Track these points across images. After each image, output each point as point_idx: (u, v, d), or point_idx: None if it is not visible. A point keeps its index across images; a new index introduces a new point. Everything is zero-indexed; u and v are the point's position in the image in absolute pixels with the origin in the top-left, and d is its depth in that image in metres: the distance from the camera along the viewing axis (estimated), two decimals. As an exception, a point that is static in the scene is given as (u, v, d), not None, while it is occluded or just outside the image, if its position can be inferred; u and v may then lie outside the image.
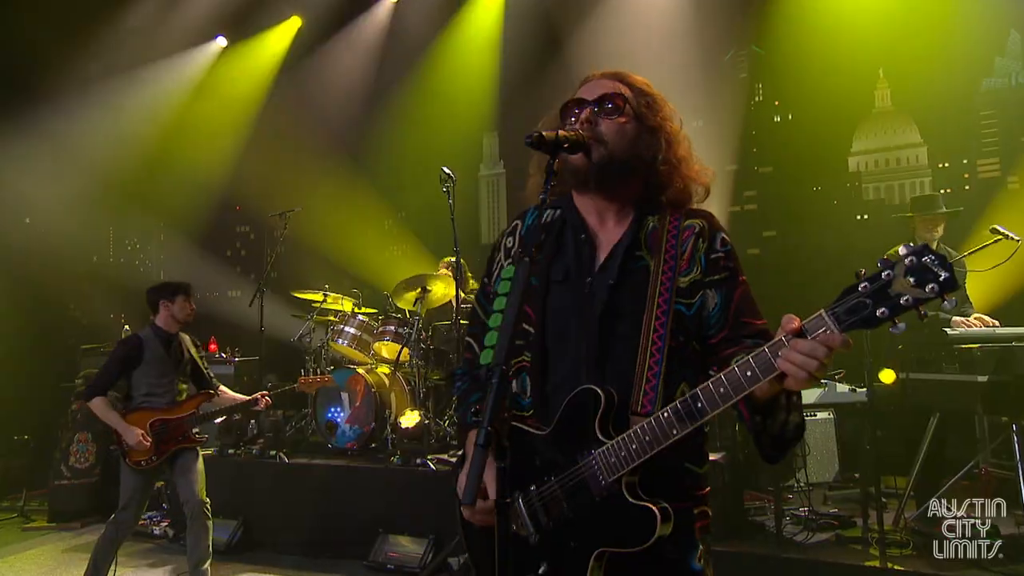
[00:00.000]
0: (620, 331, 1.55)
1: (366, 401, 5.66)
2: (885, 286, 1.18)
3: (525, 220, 1.80)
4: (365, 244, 8.54)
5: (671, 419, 1.40)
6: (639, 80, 1.72)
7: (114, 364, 4.15)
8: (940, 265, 1.14)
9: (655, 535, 1.41)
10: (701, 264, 1.58)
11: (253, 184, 8.68)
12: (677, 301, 1.54)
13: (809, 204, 7.35)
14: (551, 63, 7.27)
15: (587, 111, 1.63)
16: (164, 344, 4.24)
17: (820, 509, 4.55)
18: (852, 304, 1.21)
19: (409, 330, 5.82)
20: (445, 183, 5.09)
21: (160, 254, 11.00)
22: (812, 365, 1.24)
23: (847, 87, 7.11)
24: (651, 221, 1.64)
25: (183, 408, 4.22)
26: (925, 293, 1.14)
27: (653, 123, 1.66)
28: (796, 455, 4.87)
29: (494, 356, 1.30)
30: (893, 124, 7.32)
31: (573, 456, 1.50)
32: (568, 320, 1.60)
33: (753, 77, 7.79)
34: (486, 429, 1.23)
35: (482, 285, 1.86)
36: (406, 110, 8.53)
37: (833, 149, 7.32)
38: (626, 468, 1.43)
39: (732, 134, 7.28)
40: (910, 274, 1.16)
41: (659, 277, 1.55)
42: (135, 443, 4.00)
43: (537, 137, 1.48)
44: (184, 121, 8.89)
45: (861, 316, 1.19)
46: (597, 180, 1.61)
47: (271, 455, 5.40)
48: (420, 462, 4.94)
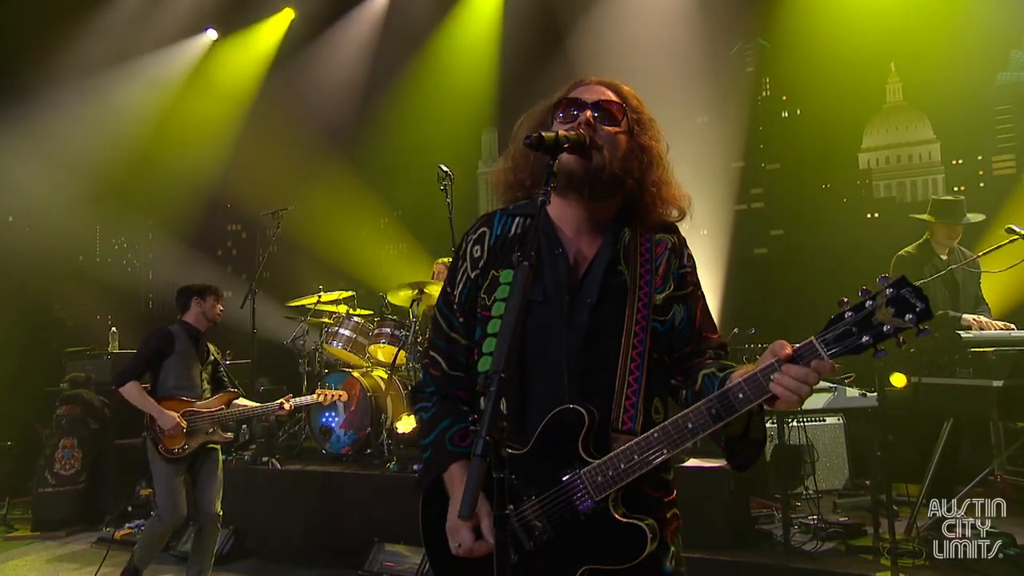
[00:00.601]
0: (602, 350, 1.57)
1: (361, 405, 5.65)
2: (869, 315, 1.31)
3: (493, 227, 1.74)
4: (360, 244, 8.55)
5: (661, 439, 1.47)
6: (631, 93, 1.73)
7: (147, 352, 4.23)
8: (917, 296, 1.28)
9: (645, 552, 1.46)
10: (674, 280, 1.65)
11: (245, 181, 8.69)
12: (655, 318, 1.59)
13: (818, 202, 7.37)
14: (552, 56, 7.28)
15: (588, 113, 1.62)
16: (193, 340, 4.37)
17: (829, 517, 4.55)
18: (839, 332, 1.34)
19: (405, 332, 5.82)
20: (443, 181, 5.09)
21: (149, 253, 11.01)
22: (804, 390, 1.36)
23: (857, 81, 7.12)
24: (626, 234, 1.67)
25: (212, 403, 4.31)
26: (904, 322, 1.28)
27: (643, 141, 1.67)
28: (804, 462, 4.87)
29: (493, 363, 1.30)
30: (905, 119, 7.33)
31: (555, 475, 1.51)
32: (548, 340, 1.60)
33: (760, 71, 7.81)
34: (484, 439, 1.22)
35: (444, 295, 1.77)
36: (403, 105, 8.55)
37: (843, 145, 7.34)
38: (615, 487, 1.47)
39: (738, 130, 7.29)
40: (891, 304, 1.29)
41: (636, 293, 1.60)
42: (171, 427, 4.05)
43: (537, 138, 1.47)
44: (173, 116, 8.89)
45: (848, 344, 1.33)
46: (591, 186, 1.61)
47: (263, 461, 5.40)
48: (417, 468, 4.93)
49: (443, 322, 1.75)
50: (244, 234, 10.33)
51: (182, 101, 8.95)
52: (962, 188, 6.83)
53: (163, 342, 4.26)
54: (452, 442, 1.66)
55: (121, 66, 8.53)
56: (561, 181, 1.61)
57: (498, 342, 1.33)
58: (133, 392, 4.13)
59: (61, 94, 8.22)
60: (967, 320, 4.47)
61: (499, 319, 1.40)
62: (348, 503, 5.02)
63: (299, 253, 8.17)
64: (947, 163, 7.15)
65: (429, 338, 1.83)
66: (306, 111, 8.69)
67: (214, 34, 9.20)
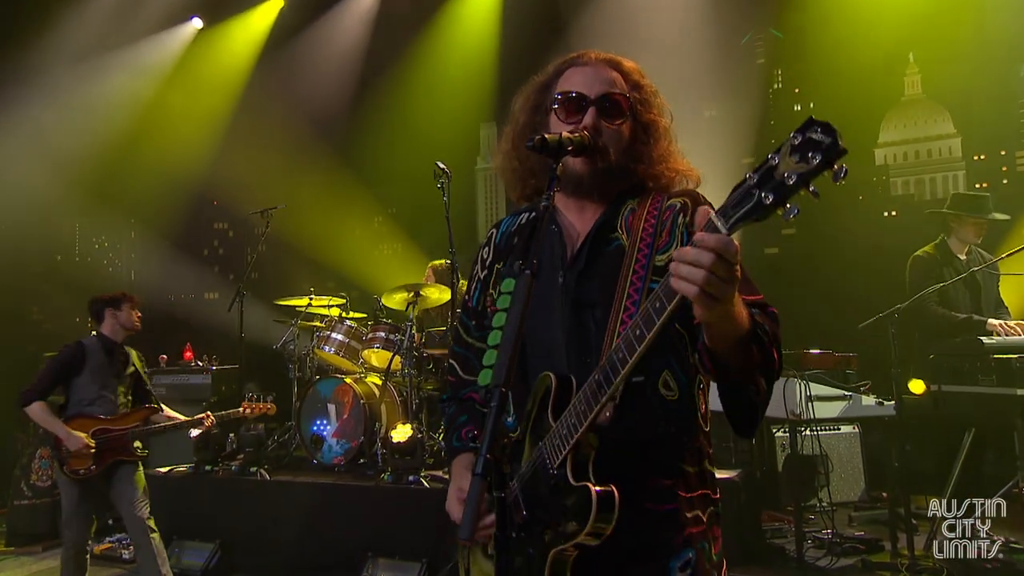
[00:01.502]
0: (597, 320, 1.54)
1: (354, 413, 5.65)
2: (771, 171, 1.13)
3: (500, 227, 1.84)
4: (353, 243, 8.55)
5: (599, 379, 1.36)
6: (632, 68, 1.73)
7: (54, 369, 4.29)
8: (824, 131, 1.08)
9: (589, 518, 1.35)
10: (682, 240, 1.56)
11: (232, 177, 8.68)
12: (654, 279, 1.50)
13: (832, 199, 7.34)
14: (554, 47, 7.26)
15: (591, 115, 1.63)
16: (107, 352, 4.40)
17: (845, 531, 4.56)
18: (738, 198, 1.17)
19: (400, 336, 5.82)
20: (440, 179, 5.09)
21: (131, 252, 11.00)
22: (698, 276, 1.17)
23: (874, 73, 7.12)
24: (630, 203, 1.66)
25: (127, 419, 4.35)
26: (809, 166, 1.08)
27: (646, 119, 1.69)
28: (818, 472, 4.88)
29: (494, 375, 1.30)
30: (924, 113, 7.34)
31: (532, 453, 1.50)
32: (542, 318, 1.60)
33: (771, 63, 7.81)
34: (484, 457, 1.22)
35: (463, 302, 1.87)
36: (397, 99, 8.55)
37: (858, 141, 7.33)
38: (567, 445, 1.40)
39: (749, 124, 7.29)
40: (795, 152, 1.10)
41: (634, 255, 1.55)
42: (77, 448, 4.10)
43: (539, 141, 1.48)
44: (156, 110, 8.89)
45: (747, 207, 1.15)
46: (600, 187, 1.64)
47: (251, 472, 5.39)
48: (412, 479, 4.93)
49: (461, 329, 1.85)
50: (231, 232, 10.33)
51: (166, 93, 8.95)
52: (984, 185, 6.83)
53: (72, 357, 4.29)
54: (459, 438, 1.74)
55: (102, 56, 8.52)
56: (569, 184, 1.64)
57: (499, 354, 1.33)
58: (38, 412, 4.15)
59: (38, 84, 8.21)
60: (992, 325, 4.48)
61: (500, 330, 1.41)
62: (340, 516, 5.02)
63: (289, 253, 8.17)
64: (968, 159, 7.15)
65: (449, 347, 1.93)
66: (296, 104, 8.68)
67: (199, 23, 9.20)
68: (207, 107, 8.93)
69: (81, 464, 4.16)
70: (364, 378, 5.98)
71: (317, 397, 5.80)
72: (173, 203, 9.19)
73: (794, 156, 1.10)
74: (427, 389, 5.94)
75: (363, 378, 5.97)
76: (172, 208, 9.26)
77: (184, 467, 5.57)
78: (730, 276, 1.20)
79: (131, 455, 4.31)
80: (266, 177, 8.42)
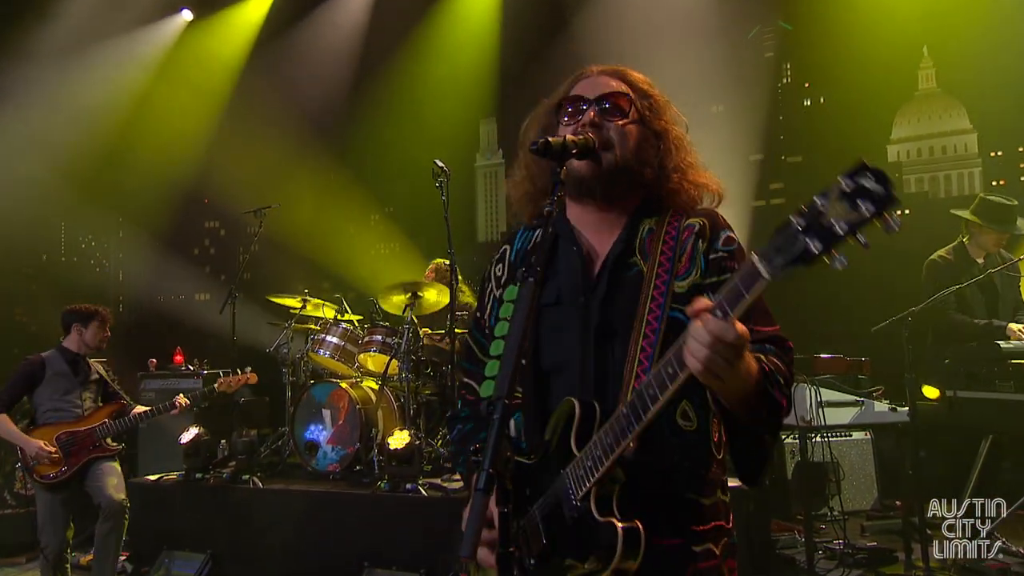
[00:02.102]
0: (616, 346, 1.56)
1: (350, 419, 5.64)
2: (818, 216, 1.11)
3: (514, 243, 1.83)
4: (349, 243, 8.55)
5: (627, 413, 1.39)
6: (640, 79, 1.74)
7: (15, 382, 4.59)
8: (876, 180, 1.07)
9: (615, 558, 1.37)
10: (701, 265, 1.59)
11: (223, 174, 8.67)
12: (673, 307, 1.53)
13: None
14: (557, 40, 7.29)
15: (592, 112, 1.64)
16: (69, 362, 4.67)
17: (857, 542, 4.55)
18: (783, 242, 1.15)
19: (398, 340, 5.81)
20: (439, 178, 5.09)
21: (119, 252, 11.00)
22: (700, 354, 1.23)
23: (886, 67, 7.10)
24: (647, 224, 1.66)
25: (93, 419, 4.64)
26: (860, 215, 1.07)
27: (658, 126, 1.68)
28: (829, 480, 4.87)
29: (496, 388, 1.30)
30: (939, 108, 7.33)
31: (554, 480, 1.51)
32: (564, 346, 1.61)
33: (780, 56, 7.79)
34: (487, 471, 1.22)
35: (475, 319, 1.87)
36: (395, 94, 8.55)
37: (870, 136, 7.32)
38: (592, 477, 1.42)
39: (757, 120, 7.29)
40: (845, 198, 1.09)
41: (652, 281, 1.56)
42: (36, 453, 4.36)
43: (543, 144, 1.48)
44: (145, 104, 8.89)
45: (793, 253, 1.13)
46: (604, 189, 1.63)
47: (244, 479, 5.38)
48: (410, 487, 4.92)
49: (475, 347, 1.83)
50: (223, 231, 10.33)
51: (155, 88, 8.94)
52: (1001, 182, 6.83)
53: (32, 369, 4.60)
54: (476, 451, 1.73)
55: (89, 49, 8.52)
56: (573, 187, 1.63)
57: (501, 365, 1.34)
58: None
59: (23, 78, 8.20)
60: (1012, 330, 4.47)
61: (502, 340, 1.41)
62: (336, 525, 5.02)
63: (283, 253, 8.16)
64: (984, 155, 7.14)
65: (460, 365, 1.91)
66: (290, 99, 8.68)
67: (189, 15, 9.20)
68: (198, 101, 8.93)
69: (50, 469, 4.43)
70: (360, 382, 5.98)
71: (311, 402, 5.78)
72: (163, 201, 9.19)
73: (844, 203, 1.09)
74: (425, 394, 5.94)
75: (359, 382, 5.97)
76: (161, 206, 9.26)
77: (174, 475, 5.55)
78: (733, 358, 1.25)
79: (104, 450, 4.56)
80: (259, 174, 8.41)
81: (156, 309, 9.82)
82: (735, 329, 1.23)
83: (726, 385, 1.32)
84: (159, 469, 5.80)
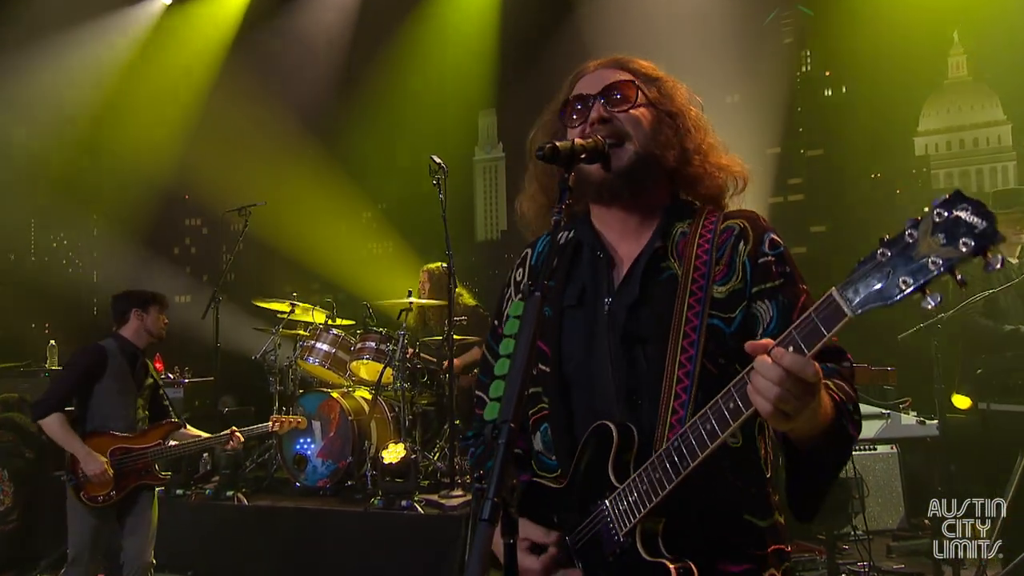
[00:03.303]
0: (649, 356, 1.55)
1: (341, 431, 5.65)
2: (908, 250, 1.08)
3: (536, 248, 1.83)
4: (339, 242, 8.56)
5: (679, 447, 1.38)
6: (643, 64, 1.73)
7: (73, 375, 4.10)
8: (977, 213, 1.02)
9: None
10: (745, 270, 1.56)
11: (205, 169, 8.68)
12: (712, 314, 1.51)
13: (866, 194, 7.38)
14: (560, 28, 7.29)
15: (596, 109, 1.63)
16: (130, 360, 4.23)
17: (882, 564, 4.55)
18: (867, 277, 1.12)
19: (393, 346, 5.82)
20: (436, 175, 5.09)
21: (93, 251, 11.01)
22: (771, 393, 1.20)
23: (914, 53, 7.11)
24: (680, 226, 1.65)
25: (147, 437, 4.18)
26: (959, 252, 1.03)
27: (671, 107, 1.68)
28: (853, 497, 4.87)
29: (501, 410, 1.30)
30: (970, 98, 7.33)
31: (588, 508, 1.50)
32: (588, 351, 1.61)
33: (799, 43, 7.82)
34: (491, 500, 1.22)
35: (492, 327, 1.88)
36: (389, 84, 8.55)
37: (896, 128, 7.33)
38: (639, 514, 1.41)
39: (774, 111, 7.30)
40: (939, 231, 1.05)
41: (688, 287, 1.54)
42: (96, 474, 3.93)
43: (550, 150, 1.47)
44: (121, 95, 8.89)
45: (878, 291, 1.10)
46: (618, 191, 1.62)
47: (228, 496, 5.39)
48: (405, 504, 4.93)
49: (492, 358, 1.82)
50: (205, 230, 10.37)
51: (131, 77, 8.94)
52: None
53: (94, 362, 4.07)
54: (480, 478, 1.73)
55: (59, 35, 8.52)
56: (591, 193, 1.64)
57: (506, 386, 1.32)
58: (55, 427, 3.95)
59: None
60: None
61: (507, 358, 1.41)
62: (326, 545, 5.02)
63: (270, 253, 8.18)
64: (1020, 148, 7.14)
65: (477, 378, 1.90)
66: (277, 90, 8.70)
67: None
68: (178, 92, 8.94)
69: (100, 490, 3.99)
70: (352, 392, 5.99)
71: (300, 413, 5.79)
72: (140, 197, 9.22)
73: (938, 236, 1.05)
74: (421, 404, 5.95)
75: (351, 392, 5.98)
76: (139, 202, 9.28)
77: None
78: (807, 397, 1.21)
79: (155, 478, 4.18)
80: (243, 170, 8.42)
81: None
82: (813, 366, 1.20)
83: (796, 425, 1.29)
84: (137, 485, 5.81)
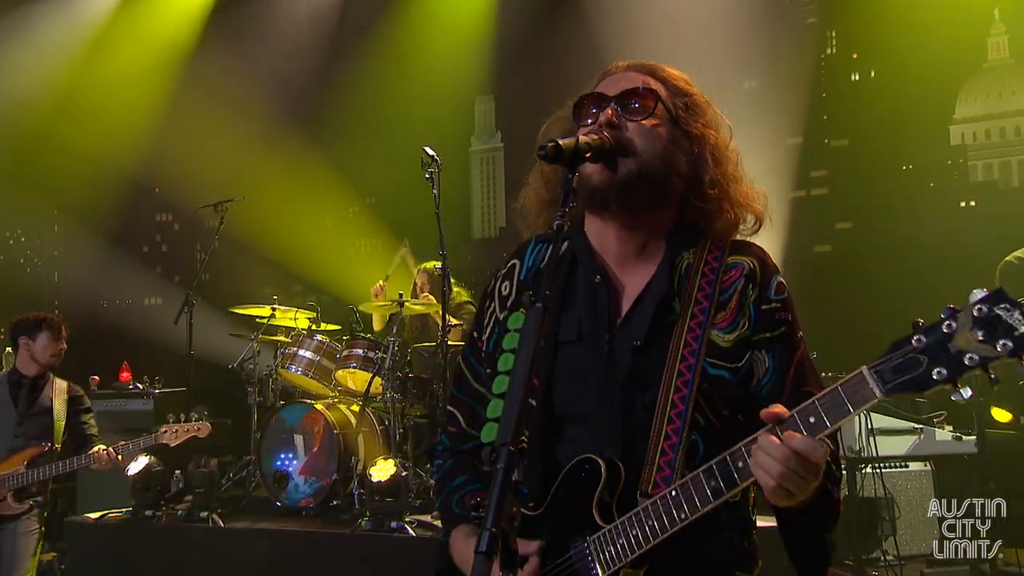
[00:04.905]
0: (646, 400, 1.58)
1: (326, 445, 5.65)
2: (944, 340, 1.19)
3: (524, 259, 1.82)
4: (324, 239, 8.57)
5: (678, 499, 1.44)
6: (675, 75, 1.74)
7: None
8: (1020, 315, 1.13)
9: None
10: (750, 316, 1.60)
11: (178, 160, 8.69)
12: (717, 364, 1.57)
13: (896, 187, 7.36)
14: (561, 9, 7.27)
15: (609, 110, 1.64)
16: (13, 386, 4.46)
17: (915, 591, 4.56)
18: (901, 361, 1.23)
19: (382, 354, 5.83)
20: (428, 168, 5.10)
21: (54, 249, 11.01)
22: (774, 471, 1.30)
23: (949, 34, 7.11)
24: (686, 258, 1.66)
25: (7, 463, 4.31)
26: (995, 351, 1.14)
27: (693, 129, 1.67)
28: (883, 519, 4.88)
29: (499, 432, 1.30)
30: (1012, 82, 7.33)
31: (566, 543, 1.53)
32: (583, 390, 1.63)
33: (824, 23, 7.81)
34: (490, 531, 1.22)
35: (471, 341, 1.88)
36: (377, 69, 8.55)
37: (929, 116, 7.33)
38: (624, 561, 1.46)
39: (796, 98, 7.29)
40: (978, 326, 1.16)
41: (686, 324, 1.58)
42: None
43: (553, 148, 1.47)
44: (83, 80, 8.88)
45: (911, 377, 1.21)
46: (620, 200, 1.61)
47: (202, 517, 5.39)
48: (396, 526, 4.94)
49: (468, 373, 1.84)
50: (177, 226, 10.35)
51: (94, 61, 8.91)
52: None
53: None
54: (461, 504, 1.74)
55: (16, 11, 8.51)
56: (585, 198, 1.63)
57: (506, 405, 1.33)
58: None
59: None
60: None
61: (507, 375, 1.42)
62: (309, 570, 5.03)
63: (248, 251, 8.17)
64: (1063, 138, 7.16)
65: (450, 392, 1.91)
66: (256, 74, 8.69)
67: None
68: (145, 77, 8.92)
69: None
70: (338, 403, 6.00)
71: (281, 426, 5.80)
72: (105, 190, 9.19)
73: (977, 331, 1.16)
74: (413, 416, 5.95)
75: (336, 403, 5.99)
76: (104, 196, 9.26)
77: (119, 512, 5.55)
78: (811, 477, 1.31)
79: (7, 510, 4.25)
80: (220, 160, 8.41)
81: (99, 316, 9.82)
82: (823, 449, 1.29)
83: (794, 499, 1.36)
84: (102, 505, 5.76)
